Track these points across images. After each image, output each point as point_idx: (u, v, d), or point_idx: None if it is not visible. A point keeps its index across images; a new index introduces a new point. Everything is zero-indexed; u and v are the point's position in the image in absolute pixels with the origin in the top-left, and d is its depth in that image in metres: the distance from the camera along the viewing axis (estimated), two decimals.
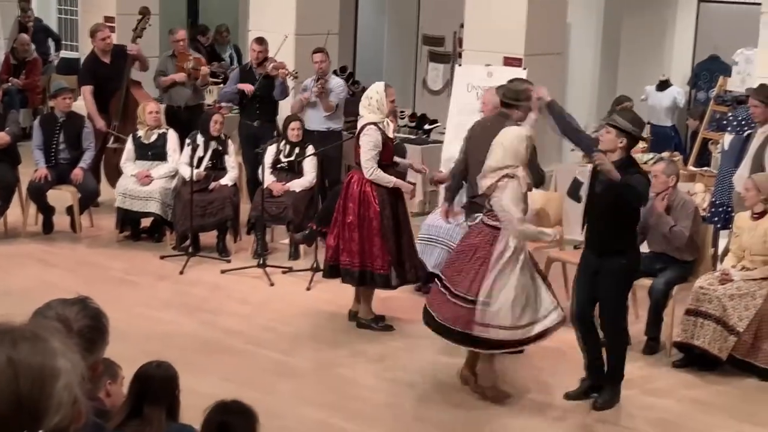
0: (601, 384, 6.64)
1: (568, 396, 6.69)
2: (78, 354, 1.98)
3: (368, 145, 7.55)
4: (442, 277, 6.66)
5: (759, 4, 9.26)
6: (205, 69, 10.72)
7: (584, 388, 6.71)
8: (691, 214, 7.54)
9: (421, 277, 8.03)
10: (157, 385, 3.94)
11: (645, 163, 10.20)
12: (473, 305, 6.32)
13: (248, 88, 10.31)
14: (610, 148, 6.34)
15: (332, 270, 7.85)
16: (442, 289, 6.53)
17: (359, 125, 7.75)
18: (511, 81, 7.65)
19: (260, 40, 10.51)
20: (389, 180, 7.66)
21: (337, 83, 10.53)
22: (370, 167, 7.57)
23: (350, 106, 10.60)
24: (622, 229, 6.40)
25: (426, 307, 6.67)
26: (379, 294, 7.98)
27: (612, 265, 6.32)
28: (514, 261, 6.30)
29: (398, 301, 8.47)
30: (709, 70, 12.80)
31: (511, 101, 7.36)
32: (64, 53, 15.41)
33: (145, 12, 11.02)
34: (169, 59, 10.85)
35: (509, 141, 6.37)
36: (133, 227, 9.96)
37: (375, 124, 7.59)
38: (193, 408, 4.19)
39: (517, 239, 6.32)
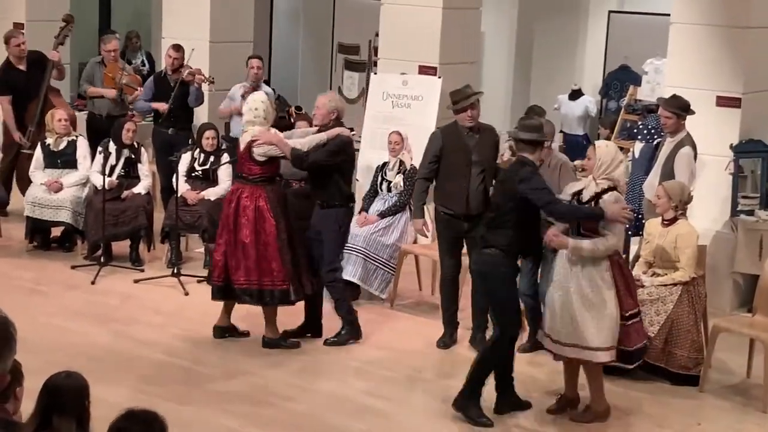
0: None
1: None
2: None
3: (268, 147, 7.38)
4: None
5: (668, 14, 9.44)
6: (139, 92, 10.52)
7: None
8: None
9: (319, 289, 7.79)
10: (67, 396, 3.84)
11: None
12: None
13: (162, 107, 10.21)
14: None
15: (222, 291, 7.57)
16: None
17: (247, 138, 7.45)
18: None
19: (177, 47, 10.41)
20: (317, 137, 7.50)
21: (266, 91, 10.48)
22: (298, 153, 7.36)
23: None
24: None
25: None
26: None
27: None
28: None
29: None
30: (620, 80, 13.03)
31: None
32: None
33: (68, 19, 10.82)
34: (98, 66, 10.67)
35: None
36: (43, 237, 9.77)
37: None
38: (104, 419, 4.10)
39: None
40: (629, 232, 8.76)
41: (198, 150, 9.57)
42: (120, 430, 3.59)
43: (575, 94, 13.03)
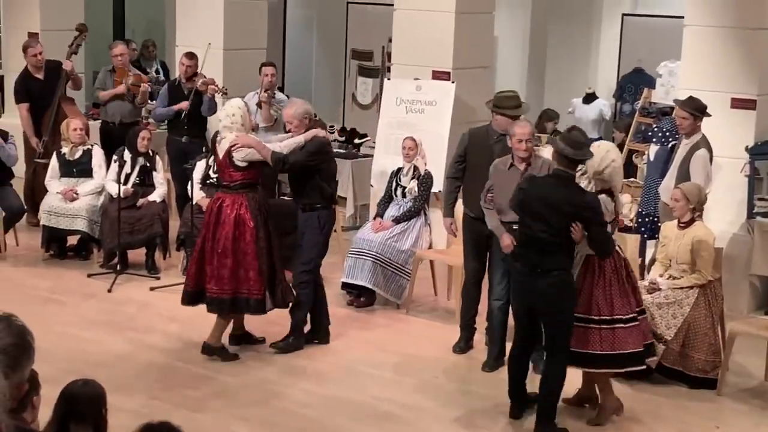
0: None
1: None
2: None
3: (247, 150, 7.29)
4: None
5: (681, 17, 9.42)
6: (145, 86, 10.59)
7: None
8: None
9: (291, 299, 7.59)
10: (84, 404, 3.86)
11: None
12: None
13: (183, 105, 10.25)
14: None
15: (191, 297, 7.47)
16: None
17: (225, 146, 7.35)
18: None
19: (190, 55, 10.45)
20: (295, 141, 7.39)
21: (281, 98, 10.56)
22: (278, 155, 7.26)
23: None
24: None
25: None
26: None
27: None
28: None
29: (331, 315, 8.45)
30: (634, 83, 13.01)
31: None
32: None
33: (82, 29, 10.88)
34: (108, 74, 10.74)
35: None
36: (59, 245, 9.81)
37: None
38: (121, 428, 4.12)
39: None
40: (645, 236, 8.74)
41: (212, 157, 9.57)
42: None
43: (589, 98, 13.01)
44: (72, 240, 9.87)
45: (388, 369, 7.44)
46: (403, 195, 8.92)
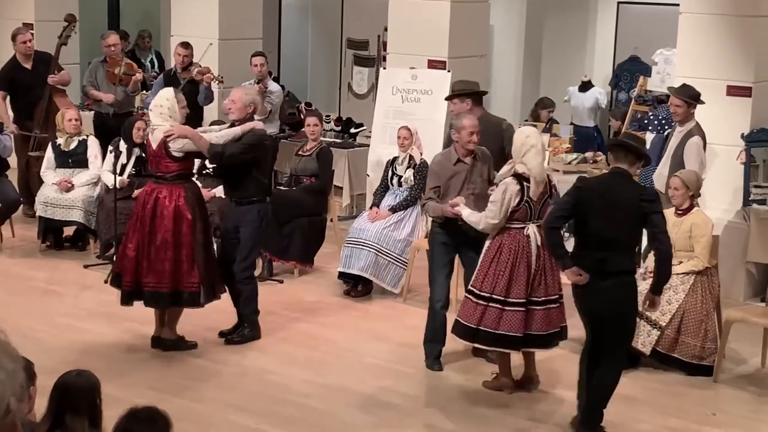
0: None
1: None
2: (17, 362, 1.92)
3: (183, 141, 7.15)
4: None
5: (677, 5, 9.41)
6: (138, 76, 10.58)
7: None
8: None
9: (223, 291, 7.46)
10: (78, 395, 3.87)
11: (569, 163, 10.32)
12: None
13: None
14: None
15: (132, 296, 7.26)
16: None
17: (159, 136, 7.17)
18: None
19: (185, 45, 10.45)
20: (232, 132, 7.27)
21: (274, 88, 10.55)
22: (215, 149, 7.16)
23: (283, 112, 10.61)
24: None
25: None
26: (305, 297, 7.94)
27: None
28: None
29: (328, 305, 8.46)
30: (630, 71, 13.00)
31: None
32: None
33: (70, 19, 10.85)
34: (101, 65, 10.72)
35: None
36: (55, 236, 9.81)
37: None
38: (117, 418, 4.12)
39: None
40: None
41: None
42: (126, 431, 3.61)
43: (585, 86, 13.00)
44: (68, 231, 9.87)
45: (386, 358, 7.45)
46: (399, 184, 8.92)
